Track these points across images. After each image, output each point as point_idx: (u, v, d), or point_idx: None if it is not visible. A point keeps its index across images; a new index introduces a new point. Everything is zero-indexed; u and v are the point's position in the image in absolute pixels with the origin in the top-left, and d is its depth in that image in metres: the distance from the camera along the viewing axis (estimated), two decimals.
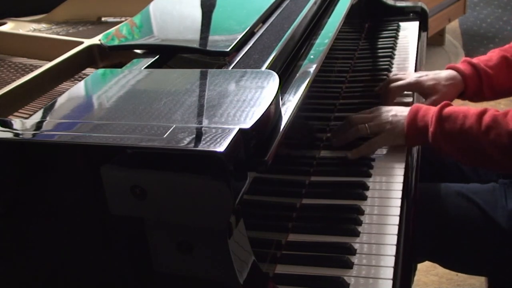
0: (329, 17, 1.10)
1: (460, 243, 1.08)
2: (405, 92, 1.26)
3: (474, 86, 1.21)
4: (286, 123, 0.71)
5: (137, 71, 0.80)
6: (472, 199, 1.07)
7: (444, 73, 1.22)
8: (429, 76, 1.22)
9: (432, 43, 3.20)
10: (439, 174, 1.24)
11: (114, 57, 0.96)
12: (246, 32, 0.90)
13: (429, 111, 1.01)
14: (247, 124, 0.62)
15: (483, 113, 0.97)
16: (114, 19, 1.32)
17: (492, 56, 1.24)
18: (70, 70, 0.94)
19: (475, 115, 0.97)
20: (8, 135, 0.67)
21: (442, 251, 1.10)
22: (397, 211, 0.91)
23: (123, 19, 1.28)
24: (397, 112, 1.06)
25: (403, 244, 0.85)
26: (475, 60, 1.23)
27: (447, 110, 1.00)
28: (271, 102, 0.66)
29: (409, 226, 0.91)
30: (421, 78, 1.22)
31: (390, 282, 0.77)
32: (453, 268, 1.19)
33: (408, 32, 1.61)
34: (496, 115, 0.97)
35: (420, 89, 1.22)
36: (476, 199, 1.07)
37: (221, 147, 0.57)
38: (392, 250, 0.83)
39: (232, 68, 0.81)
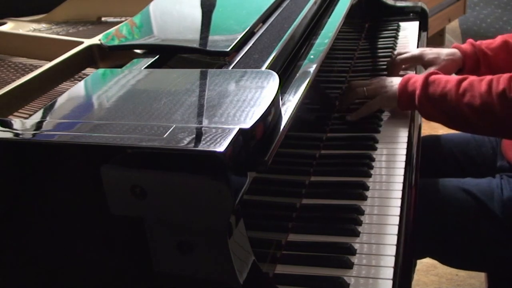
0: (329, 17, 1.10)
1: (459, 236, 1.10)
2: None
3: (472, 63, 1.31)
4: (286, 123, 0.71)
5: (137, 71, 0.80)
6: (469, 191, 1.11)
7: (446, 50, 1.33)
8: (432, 50, 1.34)
9: (432, 43, 3.19)
10: (437, 169, 1.27)
11: (114, 57, 0.96)
12: (246, 32, 0.90)
13: (419, 78, 1.10)
14: (247, 124, 0.62)
15: (463, 78, 1.05)
16: (114, 19, 1.32)
17: (496, 39, 1.34)
18: (70, 70, 0.94)
19: (455, 80, 1.05)
20: (8, 135, 0.67)
21: (441, 245, 1.12)
22: (397, 211, 0.91)
23: (123, 19, 1.28)
24: (393, 80, 1.17)
25: (403, 244, 0.85)
26: (478, 42, 1.33)
27: (434, 76, 1.09)
28: (271, 102, 0.66)
29: (409, 226, 0.91)
30: (424, 51, 1.34)
31: (390, 282, 0.77)
32: (453, 263, 1.21)
33: (408, 32, 1.61)
34: (473, 80, 1.04)
35: (422, 61, 1.33)
36: (473, 191, 1.11)
37: (221, 147, 0.57)
38: (392, 250, 0.83)
39: (232, 68, 0.81)
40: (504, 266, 1.12)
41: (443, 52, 1.32)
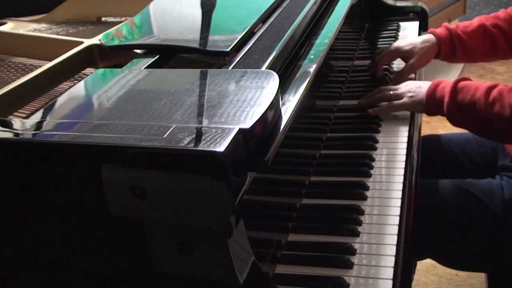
0: (329, 17, 1.10)
1: (459, 237, 1.10)
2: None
3: (447, 48, 1.31)
4: (286, 123, 0.71)
5: (137, 71, 0.80)
6: (470, 191, 1.11)
7: (420, 38, 1.33)
8: (406, 42, 1.33)
9: None
10: (437, 169, 1.27)
11: (114, 57, 0.96)
12: (246, 32, 0.90)
13: (448, 84, 1.09)
14: (247, 124, 0.62)
15: (492, 87, 1.04)
16: (114, 19, 1.32)
17: (472, 22, 1.34)
18: (70, 70, 0.94)
19: (484, 88, 1.04)
20: (8, 135, 0.67)
21: (442, 245, 1.13)
22: (397, 211, 0.91)
23: (123, 19, 1.28)
24: (421, 84, 1.15)
25: (403, 244, 0.85)
26: (453, 25, 1.34)
27: (462, 83, 1.07)
28: (271, 102, 0.66)
29: (409, 226, 0.91)
30: (399, 44, 1.34)
31: (390, 282, 0.77)
32: (453, 264, 1.21)
33: (408, 32, 1.60)
34: (502, 89, 1.03)
35: (400, 55, 1.33)
36: (474, 191, 1.11)
37: (221, 147, 0.57)
38: (392, 250, 0.83)
39: (232, 68, 0.81)
40: (505, 267, 1.12)
41: (418, 40, 1.32)
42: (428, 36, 1.33)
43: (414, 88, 1.15)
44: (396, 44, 1.35)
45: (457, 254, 1.13)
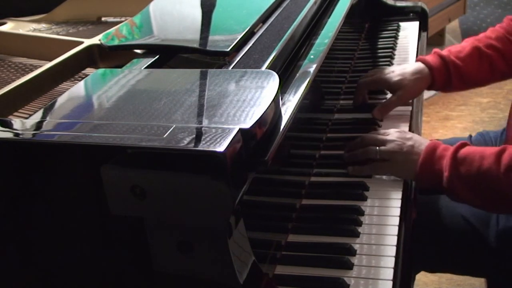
0: (329, 17, 1.10)
1: (455, 256, 1.09)
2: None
3: (442, 78, 1.20)
4: (286, 123, 0.71)
5: (137, 71, 0.80)
6: (466, 218, 1.07)
7: (410, 67, 1.21)
8: (395, 72, 1.21)
9: (432, 43, 3.19)
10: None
11: (114, 57, 0.96)
12: (246, 32, 0.90)
13: (446, 153, 0.94)
14: (247, 124, 0.62)
15: (501, 152, 0.91)
16: (114, 19, 1.32)
17: (464, 46, 1.23)
18: (70, 70, 0.94)
19: (493, 156, 0.91)
20: (8, 135, 0.67)
21: (438, 262, 1.12)
22: (397, 211, 0.91)
23: (123, 19, 1.28)
24: (414, 143, 0.99)
25: (403, 245, 0.85)
26: (445, 51, 1.22)
27: (463, 152, 0.93)
28: (271, 102, 0.66)
29: (409, 227, 0.91)
30: (387, 75, 1.21)
31: (390, 283, 0.77)
32: (451, 272, 1.22)
33: (408, 32, 1.61)
34: None
35: (386, 86, 1.22)
36: (470, 219, 1.07)
37: (221, 147, 0.57)
38: (392, 251, 0.83)
39: (232, 68, 0.81)
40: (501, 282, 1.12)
41: (408, 71, 1.19)
42: (419, 66, 1.20)
43: (405, 148, 0.98)
44: (384, 73, 1.22)
45: (453, 271, 1.14)
